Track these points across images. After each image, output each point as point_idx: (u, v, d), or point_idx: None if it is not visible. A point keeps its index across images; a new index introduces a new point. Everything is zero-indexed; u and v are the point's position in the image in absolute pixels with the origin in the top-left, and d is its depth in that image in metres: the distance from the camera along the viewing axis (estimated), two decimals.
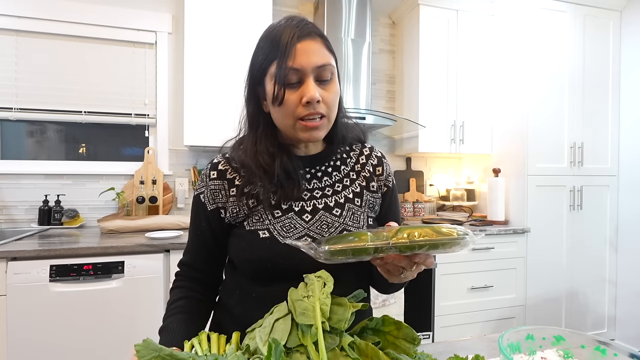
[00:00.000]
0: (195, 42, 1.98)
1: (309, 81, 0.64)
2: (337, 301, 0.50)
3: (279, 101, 0.64)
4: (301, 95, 0.64)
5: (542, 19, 2.33)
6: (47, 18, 2.07)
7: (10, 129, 2.14)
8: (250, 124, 0.74)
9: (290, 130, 0.67)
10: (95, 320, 1.53)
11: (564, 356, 0.50)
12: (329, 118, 0.68)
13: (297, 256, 0.67)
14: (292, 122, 0.66)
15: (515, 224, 2.37)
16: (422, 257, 0.53)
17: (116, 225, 1.85)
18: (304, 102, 0.63)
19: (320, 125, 0.66)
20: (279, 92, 0.63)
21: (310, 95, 0.63)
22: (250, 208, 0.70)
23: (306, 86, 0.63)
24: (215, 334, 0.53)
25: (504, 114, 2.47)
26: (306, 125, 0.65)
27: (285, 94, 0.64)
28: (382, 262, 0.55)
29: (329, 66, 0.65)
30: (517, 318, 2.29)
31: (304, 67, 0.63)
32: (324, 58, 0.65)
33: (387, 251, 0.51)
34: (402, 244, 0.49)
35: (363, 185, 0.78)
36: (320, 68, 0.64)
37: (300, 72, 0.63)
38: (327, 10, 2.30)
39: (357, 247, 0.50)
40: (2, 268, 1.45)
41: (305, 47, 0.64)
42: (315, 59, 0.64)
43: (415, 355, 0.50)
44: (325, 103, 0.66)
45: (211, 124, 1.98)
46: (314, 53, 0.64)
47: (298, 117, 0.65)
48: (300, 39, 0.63)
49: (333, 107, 0.68)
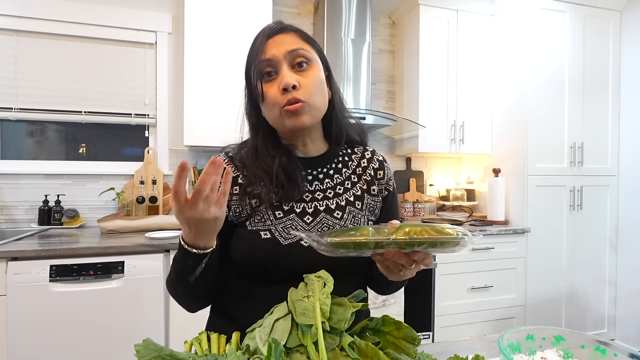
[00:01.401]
0: (195, 42, 1.98)
1: (282, 69, 0.66)
2: (337, 301, 0.50)
3: (261, 96, 0.66)
4: (278, 84, 0.65)
5: (542, 19, 2.33)
6: (47, 18, 2.07)
7: (10, 129, 2.14)
8: (252, 131, 0.75)
9: (277, 122, 0.68)
10: (95, 321, 1.53)
11: (564, 356, 0.50)
12: (310, 103, 0.67)
13: (297, 257, 0.67)
14: (277, 112, 0.67)
15: (515, 224, 2.37)
16: (420, 256, 0.53)
17: (116, 225, 1.85)
18: (280, 89, 0.65)
19: (301, 109, 0.66)
20: (257, 86, 0.66)
21: (285, 81, 0.64)
22: (253, 208, 0.70)
23: (280, 74, 0.65)
24: (215, 334, 0.53)
25: (504, 114, 2.47)
26: (287, 110, 0.65)
27: (265, 87, 0.66)
28: (382, 258, 0.56)
29: (300, 50, 0.67)
30: (517, 318, 2.29)
31: (275, 55, 0.65)
32: (295, 44, 0.67)
33: (387, 247, 0.51)
34: (402, 240, 0.50)
35: (364, 188, 0.78)
36: (292, 53, 0.66)
37: (272, 61, 0.65)
38: (327, 10, 2.30)
39: (358, 240, 0.51)
40: (2, 268, 1.45)
41: (276, 40, 0.67)
42: (285, 47, 0.66)
43: (415, 355, 0.50)
44: (304, 88, 0.66)
45: (211, 124, 1.98)
46: (285, 42, 0.66)
47: (280, 105, 0.66)
48: (271, 36, 0.67)
49: (314, 93, 0.67)
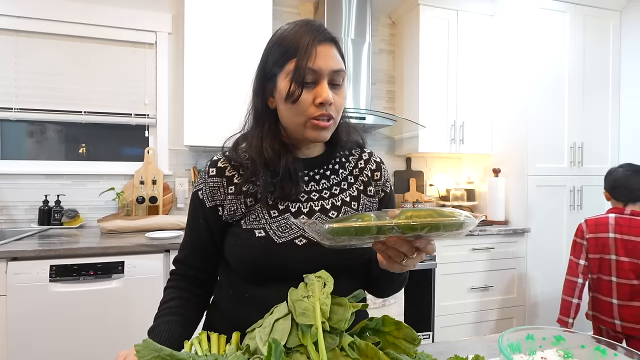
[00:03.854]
0: (195, 42, 1.98)
1: (323, 83, 0.66)
2: (337, 301, 0.50)
3: (294, 99, 0.65)
4: (315, 96, 0.66)
5: (542, 19, 2.33)
6: (47, 18, 2.07)
7: (10, 129, 2.14)
8: (256, 119, 0.74)
9: (299, 128, 0.68)
10: (95, 321, 1.53)
11: (564, 356, 0.50)
12: (336, 121, 0.70)
13: (291, 256, 0.67)
14: (303, 120, 0.67)
15: (515, 224, 2.37)
16: (423, 242, 0.53)
17: (116, 225, 1.85)
18: (317, 102, 0.65)
19: (329, 127, 0.68)
20: (295, 89, 0.65)
21: (325, 96, 0.65)
22: (248, 206, 0.70)
23: (321, 87, 0.66)
24: (215, 334, 0.53)
25: (504, 114, 2.47)
26: (318, 124, 0.67)
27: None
28: (383, 247, 0.54)
29: (342, 72, 0.68)
30: (517, 318, 2.29)
31: (322, 69, 0.65)
32: (340, 64, 0.68)
33: (390, 232, 0.50)
34: (405, 224, 0.49)
35: (360, 189, 0.78)
36: (336, 73, 0.67)
37: (317, 73, 0.65)
38: (327, 10, 2.30)
39: (360, 226, 0.50)
40: (2, 268, 1.45)
41: (324, 50, 0.66)
42: (332, 64, 0.66)
43: (415, 355, 0.50)
44: (335, 106, 0.68)
45: (211, 124, 1.98)
46: (332, 57, 0.67)
47: (310, 116, 0.66)
48: (321, 42, 0.66)
49: (340, 112, 0.71)
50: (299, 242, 0.68)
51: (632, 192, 1.61)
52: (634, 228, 1.54)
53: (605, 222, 1.62)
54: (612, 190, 1.69)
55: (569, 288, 1.70)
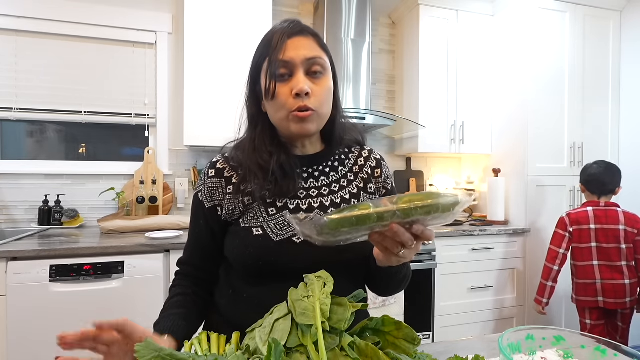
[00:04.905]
0: (195, 42, 1.98)
1: (298, 74, 0.66)
2: (337, 301, 0.50)
3: (271, 94, 0.66)
4: (291, 88, 0.65)
5: (542, 19, 2.33)
6: (47, 18, 2.07)
7: (10, 129, 2.14)
8: (250, 124, 0.75)
9: (284, 124, 0.68)
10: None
11: (564, 356, 0.50)
12: (319, 112, 0.68)
13: (288, 254, 0.67)
14: (285, 114, 0.67)
15: (515, 224, 2.37)
16: (420, 228, 0.51)
17: (116, 225, 1.85)
18: (293, 94, 0.65)
19: (310, 117, 0.67)
20: (269, 85, 0.66)
21: (300, 87, 0.64)
22: (246, 205, 0.70)
23: (295, 78, 0.66)
24: (215, 334, 0.53)
25: (504, 114, 2.47)
26: (297, 115, 0.66)
27: (277, 87, 0.66)
28: (380, 238, 0.52)
29: (318, 59, 0.67)
30: (517, 318, 2.29)
31: (293, 59, 0.65)
32: (314, 52, 0.67)
33: (392, 218, 0.49)
34: (406, 207, 0.48)
35: (360, 186, 0.78)
36: (310, 61, 0.66)
37: (289, 64, 0.65)
38: (327, 10, 2.30)
39: (362, 214, 0.48)
40: (2, 268, 1.45)
41: (295, 42, 0.67)
42: (304, 52, 0.66)
43: (415, 355, 0.50)
44: (316, 96, 0.67)
45: (211, 124, 1.98)
46: (304, 47, 0.67)
47: (290, 109, 0.66)
48: (291, 36, 0.67)
49: (324, 102, 0.69)
50: (296, 239, 0.68)
51: (604, 186, 1.84)
52: (610, 218, 1.78)
53: (585, 216, 1.83)
54: (587, 184, 1.90)
55: (546, 273, 1.89)
